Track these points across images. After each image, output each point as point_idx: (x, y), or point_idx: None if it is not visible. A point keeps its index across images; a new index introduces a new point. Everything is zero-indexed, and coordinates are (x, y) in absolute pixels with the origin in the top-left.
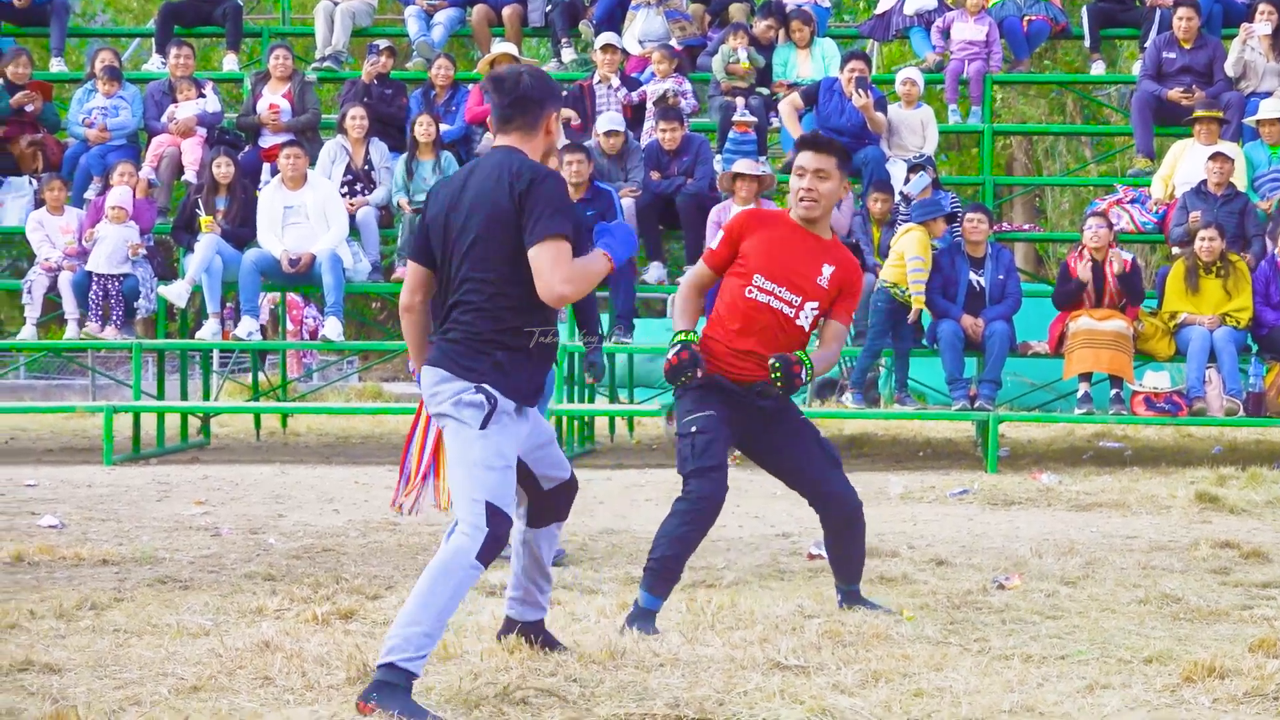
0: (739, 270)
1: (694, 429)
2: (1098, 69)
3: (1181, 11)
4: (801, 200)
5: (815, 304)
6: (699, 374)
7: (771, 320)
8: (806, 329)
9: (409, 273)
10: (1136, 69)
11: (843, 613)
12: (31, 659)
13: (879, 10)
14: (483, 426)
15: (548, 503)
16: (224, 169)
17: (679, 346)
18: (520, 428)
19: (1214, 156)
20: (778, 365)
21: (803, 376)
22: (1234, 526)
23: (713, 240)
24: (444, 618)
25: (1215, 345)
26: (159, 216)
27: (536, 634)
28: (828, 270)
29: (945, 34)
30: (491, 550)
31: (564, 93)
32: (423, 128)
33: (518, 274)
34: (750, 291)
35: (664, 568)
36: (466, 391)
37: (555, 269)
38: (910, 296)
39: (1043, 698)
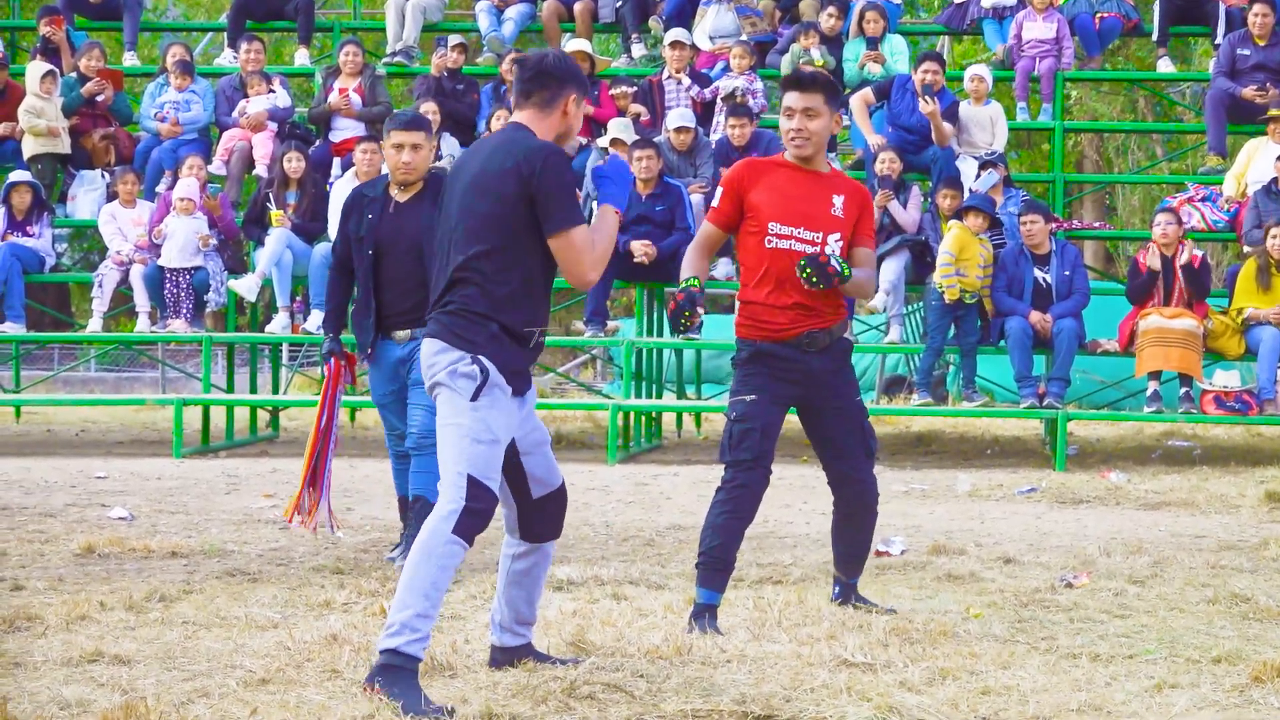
0: (752, 225)
1: (734, 415)
2: (1164, 65)
3: (1257, 8)
4: (793, 140)
5: (837, 235)
6: (700, 314)
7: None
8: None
9: None
10: (1210, 66)
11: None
12: (101, 650)
13: (957, 0)
14: (474, 398)
15: (535, 513)
16: (295, 164)
17: (677, 290)
18: (513, 408)
19: None
20: (804, 263)
21: (834, 265)
22: None
23: (715, 198)
24: (433, 596)
25: None
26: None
27: (525, 656)
28: (839, 200)
29: (1018, 36)
30: (470, 525)
31: (633, 88)
32: (499, 122)
33: (517, 254)
34: (769, 241)
35: (712, 559)
36: (462, 362)
37: (581, 258)
38: (944, 290)
39: (1110, 697)
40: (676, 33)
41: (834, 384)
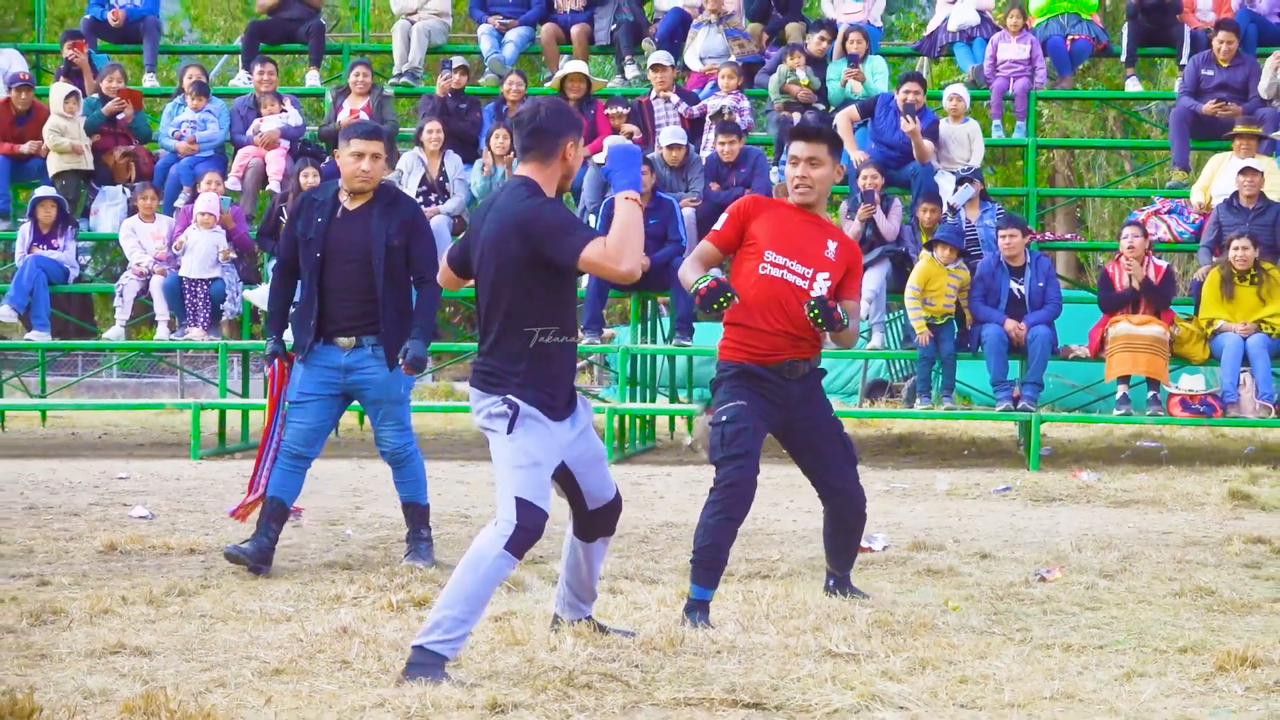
0: (750, 252)
1: (724, 418)
2: (1132, 85)
3: (1222, 35)
4: (797, 187)
5: (826, 275)
6: (735, 298)
7: (788, 293)
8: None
9: (442, 270)
10: (1176, 86)
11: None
12: (123, 642)
13: (929, 30)
14: (509, 431)
15: (592, 521)
16: (310, 179)
17: (706, 279)
18: (553, 432)
19: (1243, 171)
20: (813, 303)
21: (839, 312)
22: (1265, 523)
23: (717, 224)
24: (474, 603)
25: (1248, 350)
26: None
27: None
28: (832, 245)
29: (994, 57)
30: (522, 541)
31: (626, 109)
32: (499, 140)
33: (523, 301)
34: (764, 268)
35: (706, 558)
36: (494, 405)
37: (605, 264)
38: (914, 323)
39: (1082, 685)
40: (657, 56)
41: (811, 406)
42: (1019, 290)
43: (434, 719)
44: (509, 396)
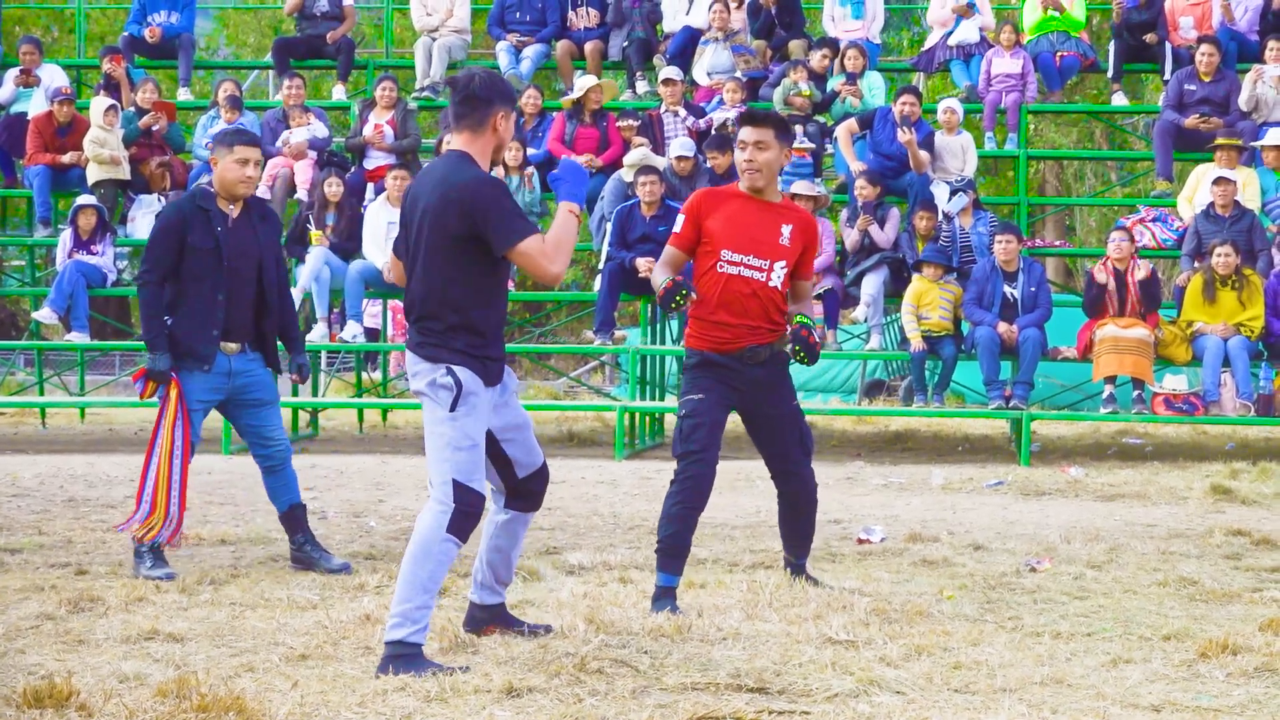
0: (706, 250)
1: (684, 413)
2: (1119, 99)
3: (1204, 48)
4: (745, 171)
5: (783, 262)
6: (692, 295)
7: (745, 288)
8: (780, 287)
9: (394, 264)
10: (1160, 100)
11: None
12: (157, 629)
13: (926, 46)
14: (451, 409)
15: (523, 489)
16: (334, 188)
17: (664, 280)
18: (486, 404)
19: (1217, 181)
20: (796, 345)
21: (815, 337)
22: (1245, 516)
23: (676, 225)
24: (431, 589)
25: (1229, 352)
26: None
27: (497, 618)
28: (787, 230)
29: (987, 72)
30: (462, 524)
31: (637, 121)
32: (511, 152)
33: (459, 275)
34: (721, 267)
35: (669, 545)
36: (439, 373)
37: (539, 260)
38: (911, 340)
39: (1071, 671)
40: (667, 72)
41: (772, 392)
42: (1012, 294)
43: (452, 702)
44: (453, 369)
